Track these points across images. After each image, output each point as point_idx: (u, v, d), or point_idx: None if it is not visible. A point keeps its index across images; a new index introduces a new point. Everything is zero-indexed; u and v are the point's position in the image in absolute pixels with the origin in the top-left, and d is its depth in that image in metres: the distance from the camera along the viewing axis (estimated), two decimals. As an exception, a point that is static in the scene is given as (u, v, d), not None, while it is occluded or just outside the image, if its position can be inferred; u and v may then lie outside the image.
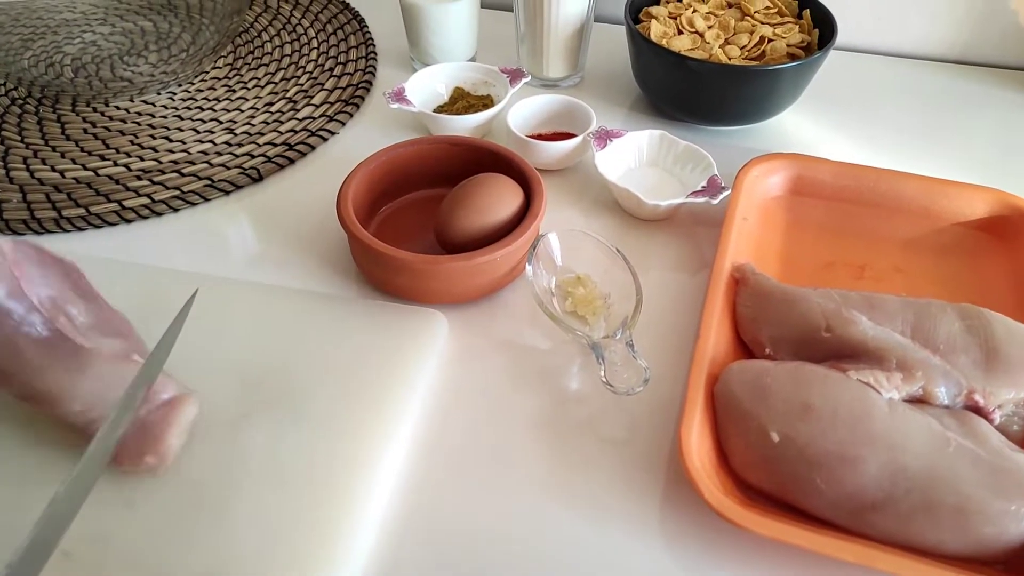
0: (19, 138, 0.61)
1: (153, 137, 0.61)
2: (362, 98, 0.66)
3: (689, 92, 0.60)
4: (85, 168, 0.58)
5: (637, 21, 0.63)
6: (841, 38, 0.59)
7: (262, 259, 0.52)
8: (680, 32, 0.62)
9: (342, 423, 0.40)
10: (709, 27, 0.62)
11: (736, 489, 0.37)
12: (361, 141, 0.62)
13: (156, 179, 0.57)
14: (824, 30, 0.61)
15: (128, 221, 0.54)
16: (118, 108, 0.64)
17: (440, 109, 0.63)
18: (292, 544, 0.35)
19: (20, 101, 0.65)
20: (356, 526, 0.36)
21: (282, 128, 0.62)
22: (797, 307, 0.42)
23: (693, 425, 0.37)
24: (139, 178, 0.57)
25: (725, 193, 0.51)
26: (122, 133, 0.61)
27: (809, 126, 0.65)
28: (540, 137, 0.59)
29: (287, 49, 0.71)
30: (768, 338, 0.42)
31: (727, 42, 0.61)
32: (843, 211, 0.53)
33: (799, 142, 0.63)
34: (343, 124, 0.63)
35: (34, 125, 0.62)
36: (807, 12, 0.62)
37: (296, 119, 0.62)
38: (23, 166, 0.58)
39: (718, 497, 0.35)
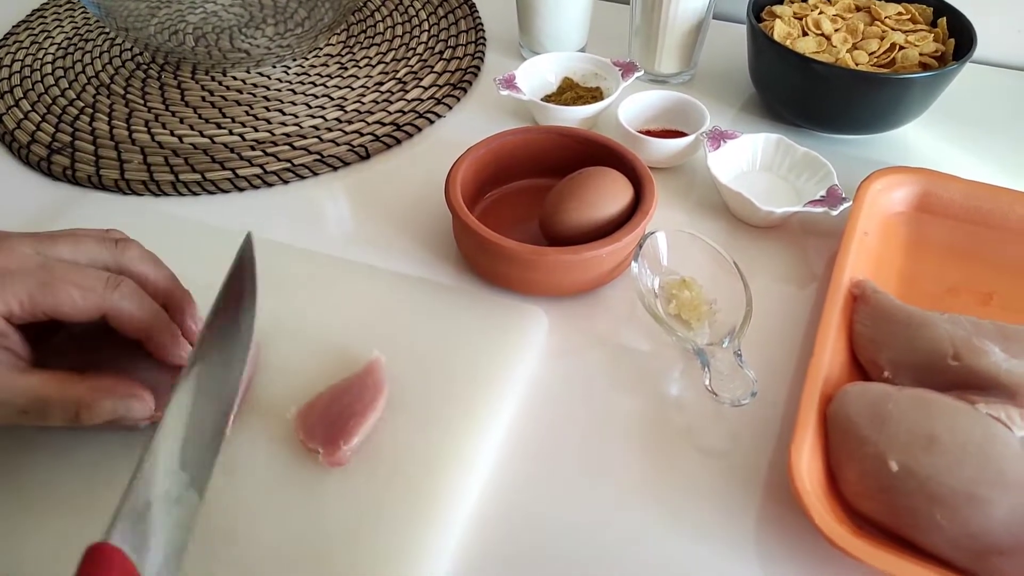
0: (142, 102, 0.63)
1: (267, 109, 0.62)
2: (469, 83, 0.65)
3: (811, 96, 0.57)
4: (202, 135, 0.59)
5: (759, 20, 0.61)
6: (976, 50, 0.55)
7: (363, 237, 0.52)
8: (805, 33, 0.59)
9: (437, 414, 0.39)
10: (836, 30, 0.59)
11: (845, 517, 0.35)
12: (467, 126, 0.62)
13: (269, 150, 0.58)
14: (961, 40, 0.57)
15: (240, 189, 0.55)
16: (235, 79, 0.65)
17: (548, 98, 0.62)
18: (378, 534, 0.34)
19: (144, 66, 0.67)
20: (446, 520, 0.36)
21: (391, 108, 0.62)
22: (922, 331, 0.40)
23: (804, 446, 0.36)
24: (253, 148, 0.58)
25: (846, 204, 0.49)
26: (238, 103, 0.63)
27: (932, 140, 0.61)
28: (648, 133, 0.58)
29: (399, 30, 0.71)
30: (887, 361, 0.40)
31: (855, 47, 0.58)
32: (972, 233, 0.50)
33: (920, 156, 0.60)
34: (450, 108, 0.63)
35: (156, 90, 0.64)
36: (943, 21, 0.59)
37: (405, 100, 0.63)
38: (144, 129, 0.60)
39: (830, 524, 0.33)
